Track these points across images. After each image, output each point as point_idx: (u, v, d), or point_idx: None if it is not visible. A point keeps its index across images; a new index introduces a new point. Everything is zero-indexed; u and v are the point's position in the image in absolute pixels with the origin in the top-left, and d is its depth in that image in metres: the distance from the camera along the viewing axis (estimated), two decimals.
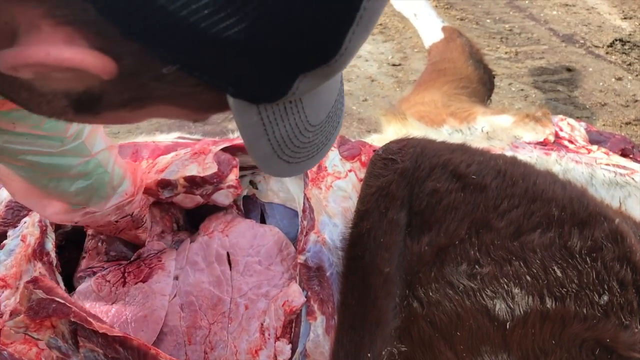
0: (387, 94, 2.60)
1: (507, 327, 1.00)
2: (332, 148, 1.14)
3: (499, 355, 0.98)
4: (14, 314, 0.94)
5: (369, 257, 0.96)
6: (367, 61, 2.89)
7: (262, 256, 1.17)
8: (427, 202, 1.03)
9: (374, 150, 1.14)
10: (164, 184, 1.16)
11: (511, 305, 1.01)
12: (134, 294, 1.09)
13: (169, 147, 1.26)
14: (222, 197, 1.18)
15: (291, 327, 1.08)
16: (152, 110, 0.54)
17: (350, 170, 1.10)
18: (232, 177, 1.17)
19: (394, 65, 2.86)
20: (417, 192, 1.04)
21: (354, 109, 2.50)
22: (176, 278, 1.14)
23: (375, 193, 1.03)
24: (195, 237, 1.22)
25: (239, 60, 0.46)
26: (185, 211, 1.29)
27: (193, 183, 1.15)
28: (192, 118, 0.57)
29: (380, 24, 3.29)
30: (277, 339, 1.07)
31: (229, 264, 1.16)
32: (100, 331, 0.90)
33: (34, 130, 0.83)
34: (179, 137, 1.36)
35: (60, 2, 0.43)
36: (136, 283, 1.09)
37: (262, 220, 1.27)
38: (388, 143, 1.13)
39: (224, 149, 1.21)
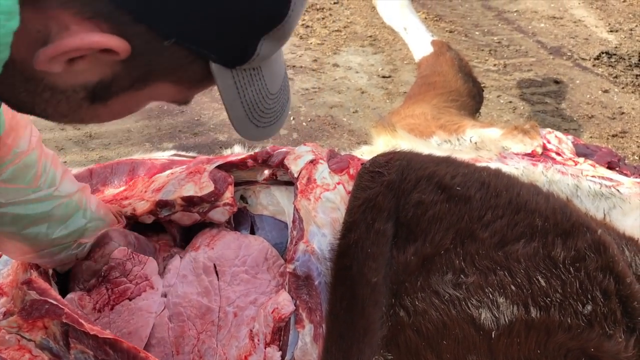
0: (377, 106, 2.63)
1: (493, 336, 1.02)
2: (321, 161, 1.16)
3: None
4: (7, 314, 0.95)
5: (357, 268, 0.98)
6: (357, 73, 2.92)
7: (248, 265, 1.19)
8: (412, 213, 1.05)
9: (362, 164, 1.16)
10: (162, 204, 1.19)
11: (496, 315, 1.03)
12: (119, 310, 1.10)
13: (164, 165, 1.28)
14: (219, 215, 1.20)
15: (280, 334, 1.09)
16: (152, 90, 0.68)
17: (338, 183, 1.12)
18: (228, 194, 1.19)
19: (384, 77, 2.89)
20: (403, 204, 1.06)
21: (344, 121, 2.53)
22: (164, 295, 1.16)
23: (363, 205, 1.05)
24: (184, 254, 1.24)
25: (217, 28, 0.62)
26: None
27: (190, 202, 1.18)
28: (183, 96, 0.73)
29: (370, 36, 3.33)
30: (267, 345, 1.08)
31: (217, 274, 1.18)
32: (91, 333, 0.91)
33: (6, 184, 0.92)
34: (175, 155, 1.38)
35: (85, 2, 0.57)
36: (122, 300, 1.11)
37: (252, 233, 1.29)
38: (375, 156, 1.15)
39: (218, 167, 1.23)
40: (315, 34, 3.30)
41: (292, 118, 2.53)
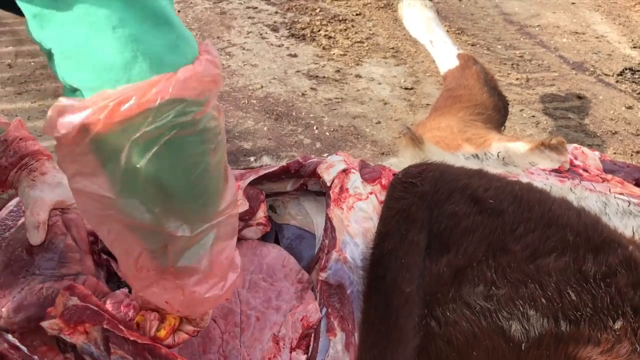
0: (400, 117, 2.65)
1: (523, 348, 1.03)
2: (353, 171, 1.18)
3: None
4: (49, 316, 0.98)
5: (391, 277, 1.00)
6: (380, 84, 2.94)
7: (265, 273, 1.21)
8: (446, 225, 1.06)
9: (393, 174, 1.18)
10: None
11: (526, 327, 1.04)
12: None
13: None
14: (252, 234, 1.22)
15: (307, 341, 1.11)
16: None
17: (371, 193, 1.14)
18: (261, 214, 1.22)
19: (406, 88, 2.91)
20: (436, 215, 1.07)
21: (367, 131, 2.55)
22: None
23: (396, 215, 1.07)
24: None
25: None
26: None
27: None
28: None
29: (393, 48, 3.35)
30: (292, 349, 1.10)
31: None
32: (131, 338, 0.93)
33: None
34: None
35: None
36: None
37: (277, 241, 1.31)
38: (407, 167, 1.17)
39: (251, 182, 1.25)
40: (338, 45, 3.33)
41: (315, 128, 2.56)
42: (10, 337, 1.03)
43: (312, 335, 1.10)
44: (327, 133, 2.53)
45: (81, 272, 1.10)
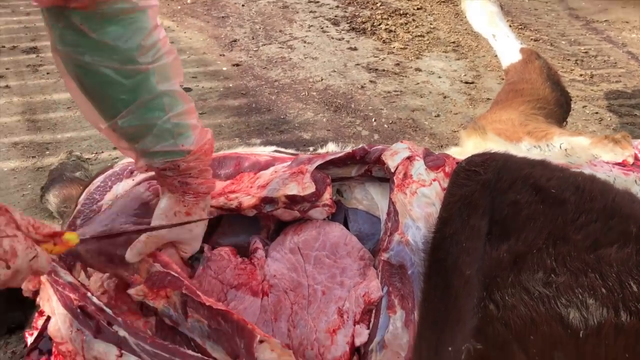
0: (460, 111, 2.65)
1: (581, 335, 1.04)
2: (418, 158, 1.22)
3: None
4: (134, 284, 1.07)
5: (452, 260, 1.03)
6: (439, 78, 2.95)
7: (328, 250, 1.26)
8: (507, 212, 1.09)
9: (456, 162, 1.22)
10: (267, 201, 1.28)
11: (585, 315, 1.05)
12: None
13: (268, 162, 1.38)
14: (317, 214, 1.29)
15: (369, 316, 1.16)
16: None
17: (434, 180, 1.18)
18: (327, 196, 1.28)
19: (466, 82, 2.91)
20: (498, 203, 1.10)
21: (426, 124, 2.57)
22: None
23: (459, 201, 1.10)
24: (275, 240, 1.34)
25: None
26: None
27: (293, 201, 1.26)
28: None
29: (453, 42, 3.35)
30: (355, 322, 1.15)
31: (302, 257, 1.27)
32: (207, 304, 1.00)
33: (112, 41, 0.91)
34: (275, 151, 1.47)
35: None
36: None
37: (345, 225, 1.37)
38: (471, 156, 1.20)
39: (318, 166, 1.31)
40: (398, 39, 3.35)
41: (373, 120, 2.60)
42: (95, 299, 1.13)
43: (374, 311, 1.15)
44: (385, 125, 2.56)
45: None
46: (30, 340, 1.19)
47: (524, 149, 1.52)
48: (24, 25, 3.37)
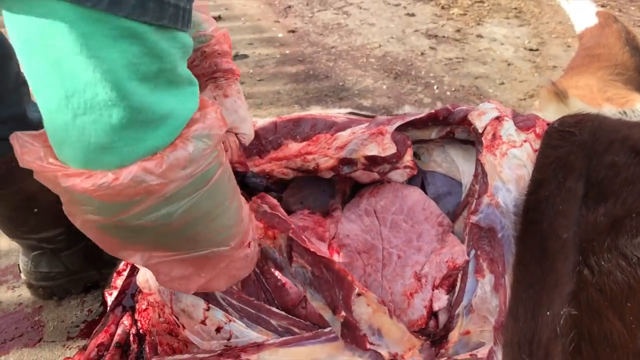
0: (525, 79, 2.57)
1: None
2: (507, 118, 1.18)
3: None
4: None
5: (547, 223, 1.00)
6: (502, 45, 2.86)
7: (405, 214, 1.24)
8: (604, 175, 1.05)
9: (547, 124, 1.17)
10: (346, 162, 1.26)
11: None
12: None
13: (345, 124, 1.36)
14: (398, 176, 1.26)
15: (449, 281, 1.14)
16: None
17: (525, 141, 1.14)
18: (408, 157, 1.25)
19: (531, 50, 2.81)
20: (594, 165, 1.06)
21: (490, 92, 2.50)
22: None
23: (553, 163, 1.06)
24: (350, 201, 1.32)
25: None
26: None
27: (373, 162, 1.24)
28: None
29: (515, 8, 3.23)
30: (434, 287, 1.14)
31: (378, 220, 1.25)
32: (311, 249, 0.99)
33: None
34: (350, 113, 1.45)
35: None
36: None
37: (423, 188, 1.34)
38: (563, 117, 1.15)
39: (397, 128, 1.29)
40: (458, 4, 3.26)
41: (435, 87, 2.54)
42: None
43: (459, 276, 1.13)
44: (447, 93, 2.51)
45: None
46: (110, 299, 1.22)
47: (609, 113, 1.46)
48: None
